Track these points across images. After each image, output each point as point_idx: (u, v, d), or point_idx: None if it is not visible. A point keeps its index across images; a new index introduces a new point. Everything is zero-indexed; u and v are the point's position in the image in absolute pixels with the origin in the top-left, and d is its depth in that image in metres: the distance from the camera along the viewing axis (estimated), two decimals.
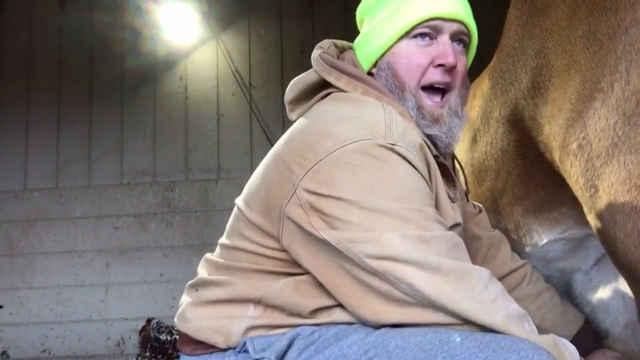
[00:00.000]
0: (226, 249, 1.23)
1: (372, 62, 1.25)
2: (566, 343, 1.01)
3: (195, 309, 1.19)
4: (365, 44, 1.27)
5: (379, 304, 1.03)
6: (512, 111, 1.45)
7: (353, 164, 1.05)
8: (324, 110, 1.21)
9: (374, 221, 1.02)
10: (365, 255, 1.01)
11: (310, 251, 1.08)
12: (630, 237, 1.05)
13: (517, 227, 1.56)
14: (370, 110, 1.15)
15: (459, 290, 1.00)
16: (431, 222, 1.06)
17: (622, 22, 1.11)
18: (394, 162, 1.07)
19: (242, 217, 1.20)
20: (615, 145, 1.08)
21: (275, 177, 1.14)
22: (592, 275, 1.55)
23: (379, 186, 1.04)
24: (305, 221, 1.06)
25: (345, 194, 1.04)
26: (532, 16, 1.40)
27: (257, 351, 1.08)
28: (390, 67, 1.21)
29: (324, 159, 1.07)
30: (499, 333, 0.98)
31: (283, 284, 1.12)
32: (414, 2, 1.19)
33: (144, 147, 4.81)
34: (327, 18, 4.85)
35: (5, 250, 4.69)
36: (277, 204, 1.11)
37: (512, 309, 1.02)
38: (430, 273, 0.99)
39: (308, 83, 1.27)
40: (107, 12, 4.77)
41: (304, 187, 1.07)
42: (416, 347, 0.97)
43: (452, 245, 1.06)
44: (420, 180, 1.10)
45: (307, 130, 1.16)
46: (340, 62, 1.25)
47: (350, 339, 1.04)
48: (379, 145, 1.06)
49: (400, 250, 1.00)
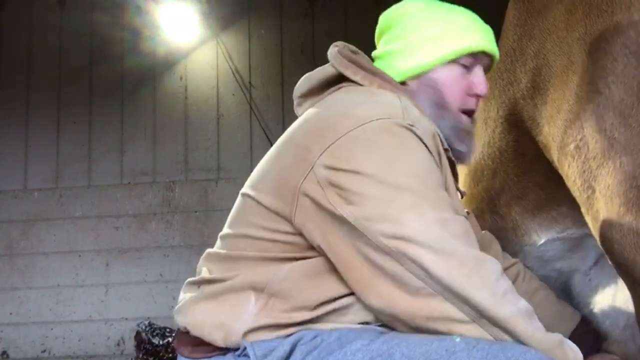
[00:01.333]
0: (230, 238, 1.21)
1: (411, 75, 1.28)
2: (571, 344, 1.01)
3: (195, 303, 1.17)
4: (405, 53, 1.29)
5: (386, 286, 1.01)
6: (510, 111, 1.45)
7: (373, 141, 1.06)
8: (338, 98, 1.22)
9: (392, 197, 1.02)
10: (381, 234, 1.01)
11: (324, 230, 1.07)
12: (626, 238, 1.06)
13: (514, 226, 1.57)
14: (386, 97, 1.18)
15: (473, 277, 0.99)
16: (447, 204, 1.07)
17: (619, 24, 1.11)
18: (411, 141, 1.09)
19: (250, 203, 1.18)
20: (611, 147, 1.08)
21: (289, 159, 1.14)
22: (592, 275, 1.55)
23: (397, 163, 1.05)
24: (322, 198, 1.06)
25: (364, 168, 1.04)
26: (531, 17, 1.40)
27: (259, 357, 1.05)
28: (435, 86, 1.27)
29: (343, 136, 1.07)
30: (506, 327, 0.98)
31: (291, 267, 1.10)
32: (467, 33, 1.28)
33: (144, 147, 4.81)
34: (327, 18, 4.85)
35: (5, 250, 4.69)
36: (292, 183, 1.10)
37: (521, 304, 1.02)
38: (446, 258, 0.99)
39: (320, 78, 1.29)
40: (107, 12, 4.77)
41: (322, 164, 1.07)
42: (422, 356, 0.96)
43: (466, 231, 1.07)
44: (433, 163, 1.12)
45: (323, 114, 1.18)
46: (358, 57, 1.28)
47: (354, 345, 1.02)
48: (398, 125, 1.08)
49: (417, 231, 1.00)
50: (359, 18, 4.72)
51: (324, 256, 1.09)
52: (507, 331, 0.99)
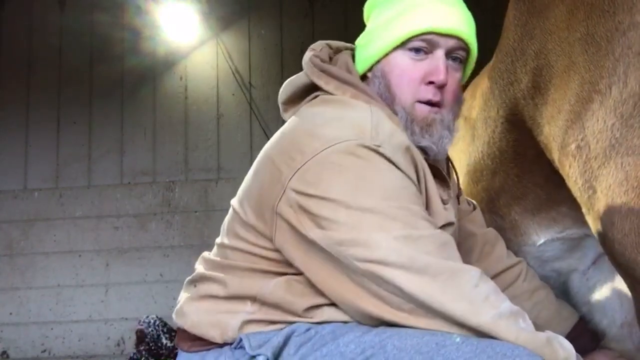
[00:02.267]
0: (222, 248, 1.23)
1: (367, 66, 1.25)
2: (562, 341, 1.01)
3: (192, 303, 1.21)
4: (364, 46, 1.28)
5: (370, 304, 1.04)
6: (511, 111, 1.45)
7: (339, 164, 1.07)
8: (312, 112, 1.22)
9: (360, 220, 1.03)
10: (354, 258, 1.02)
11: (302, 251, 1.09)
12: (628, 238, 1.06)
13: (514, 226, 1.57)
14: (357, 112, 1.15)
15: (447, 291, 1.00)
16: (418, 219, 1.07)
17: (620, 25, 1.11)
18: (379, 163, 1.08)
19: (237, 217, 1.21)
20: (612, 147, 1.09)
21: (267, 177, 1.15)
22: (589, 275, 1.55)
23: (364, 185, 1.05)
24: (295, 221, 1.07)
25: (332, 193, 1.05)
26: (532, 17, 1.40)
27: (253, 348, 1.09)
28: (384, 77, 1.21)
29: (311, 159, 1.08)
30: (489, 334, 0.98)
31: (276, 282, 1.12)
32: (413, 13, 1.18)
33: (144, 147, 4.81)
34: (327, 18, 4.85)
35: (5, 250, 4.69)
36: (269, 204, 1.12)
37: (504, 307, 1.02)
38: (418, 275, 1.00)
39: (299, 85, 1.28)
40: (107, 12, 4.77)
41: (292, 188, 1.08)
42: (413, 349, 0.98)
43: (441, 244, 1.06)
44: (406, 180, 1.10)
45: (295, 131, 1.18)
46: (330, 67, 1.25)
47: (347, 337, 1.04)
48: (363, 146, 1.08)
49: (387, 253, 1.01)
50: (359, 18, 4.68)
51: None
52: (491, 337, 0.99)
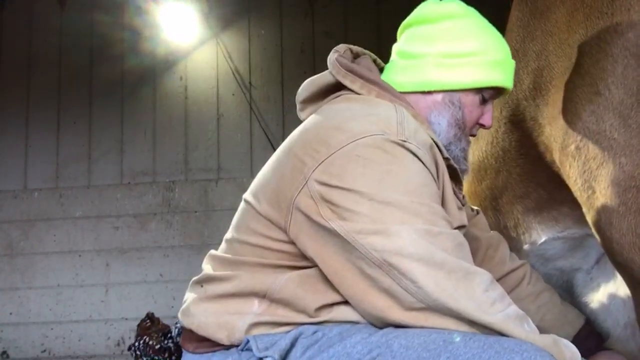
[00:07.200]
0: (232, 243, 1.23)
1: (440, 88, 1.27)
2: (567, 343, 1.02)
3: (200, 304, 1.20)
4: (436, 65, 1.26)
5: (381, 300, 1.04)
6: (513, 111, 1.46)
7: (365, 158, 1.07)
8: (336, 108, 1.23)
9: (383, 213, 1.04)
10: (372, 247, 1.02)
11: (318, 242, 1.09)
12: (625, 237, 1.07)
13: (516, 224, 1.58)
14: (383, 109, 1.18)
15: (459, 288, 1.01)
16: (438, 218, 1.08)
17: (619, 26, 1.12)
18: (404, 158, 1.09)
19: (250, 209, 1.21)
20: (611, 148, 1.10)
21: (287, 169, 1.15)
22: (593, 274, 1.56)
23: (389, 179, 1.06)
24: (314, 212, 1.08)
25: (356, 185, 1.05)
26: (533, 18, 1.41)
27: (261, 350, 1.08)
28: (461, 107, 1.28)
29: (336, 152, 1.09)
30: (498, 333, 0.99)
31: (288, 277, 1.12)
32: (501, 65, 1.27)
33: (144, 147, 4.81)
34: (327, 18, 4.85)
35: (5, 250, 4.69)
36: (288, 195, 1.12)
37: (510, 310, 1.03)
38: (434, 269, 1.01)
39: (322, 84, 1.29)
40: (107, 12, 4.77)
41: (315, 179, 1.08)
42: (420, 346, 0.98)
43: (458, 244, 1.08)
44: (429, 177, 1.12)
45: (320, 125, 1.18)
46: (356, 66, 1.27)
47: (354, 338, 1.05)
48: (390, 141, 1.09)
49: (407, 244, 1.01)
50: (359, 18, 4.72)
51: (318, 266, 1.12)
52: (502, 334, 1.00)
